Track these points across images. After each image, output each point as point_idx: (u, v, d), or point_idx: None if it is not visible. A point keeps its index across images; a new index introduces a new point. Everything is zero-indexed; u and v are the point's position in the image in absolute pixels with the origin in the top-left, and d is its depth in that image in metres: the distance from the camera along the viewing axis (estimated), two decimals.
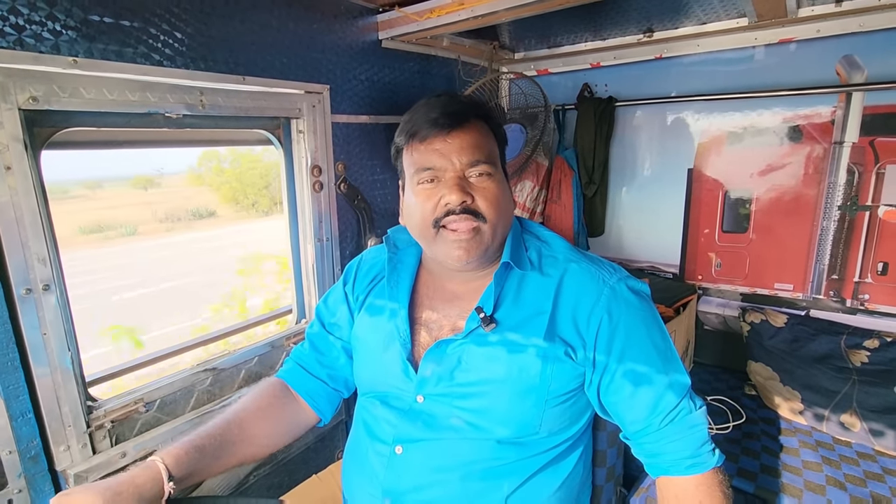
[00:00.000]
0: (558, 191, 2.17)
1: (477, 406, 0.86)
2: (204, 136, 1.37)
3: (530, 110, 1.97)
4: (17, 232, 0.97)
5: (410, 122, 0.88)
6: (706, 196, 2.04)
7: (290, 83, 1.44)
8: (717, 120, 1.97)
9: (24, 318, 1.00)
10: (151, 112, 1.16)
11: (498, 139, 0.92)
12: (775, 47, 1.79)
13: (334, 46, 1.56)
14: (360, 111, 1.70)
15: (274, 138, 1.51)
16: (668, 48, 1.94)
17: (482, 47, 2.06)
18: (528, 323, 0.86)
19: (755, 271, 1.99)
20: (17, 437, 1.01)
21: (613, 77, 2.15)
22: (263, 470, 1.51)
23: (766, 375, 1.78)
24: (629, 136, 2.18)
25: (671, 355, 0.87)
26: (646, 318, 0.88)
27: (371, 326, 1.00)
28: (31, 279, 1.00)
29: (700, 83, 1.96)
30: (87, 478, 1.10)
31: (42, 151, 1.04)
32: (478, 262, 0.89)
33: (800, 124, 1.81)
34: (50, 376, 1.05)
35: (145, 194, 14.60)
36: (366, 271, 1.08)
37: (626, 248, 2.29)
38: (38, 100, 0.96)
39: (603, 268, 0.90)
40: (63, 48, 0.99)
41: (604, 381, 0.87)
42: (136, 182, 14.33)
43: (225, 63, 1.27)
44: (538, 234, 0.98)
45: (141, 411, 1.23)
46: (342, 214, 1.69)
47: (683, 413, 0.84)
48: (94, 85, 1.04)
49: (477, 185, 0.85)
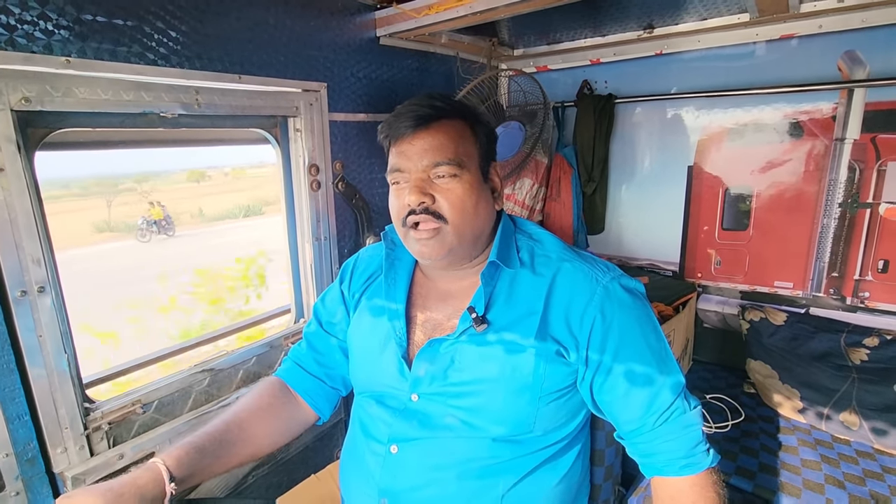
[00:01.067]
0: (558, 188, 2.16)
1: (471, 405, 0.86)
2: (200, 136, 1.36)
3: (529, 107, 1.96)
4: (10, 233, 0.96)
5: (386, 125, 0.90)
6: (706, 193, 2.03)
7: (286, 81, 1.43)
8: (717, 116, 1.96)
9: (19, 320, 0.99)
10: (146, 112, 1.15)
11: (479, 137, 0.91)
12: (776, 43, 1.77)
13: (332, 44, 1.55)
14: (357, 109, 1.68)
15: (271, 137, 1.49)
16: (668, 44, 1.93)
17: (481, 44, 2.04)
18: (520, 323, 0.86)
19: (755, 269, 1.98)
20: (14, 439, 1.01)
21: (613, 74, 2.13)
22: (262, 470, 1.51)
23: (766, 374, 1.78)
24: (629, 133, 2.16)
25: (665, 354, 0.87)
26: (640, 317, 0.87)
27: (367, 325, 0.99)
28: (26, 281, 0.99)
29: (700, 79, 1.94)
30: (84, 480, 1.10)
31: (36, 152, 1.03)
32: (447, 261, 0.89)
33: (801, 121, 1.80)
34: (46, 378, 1.05)
35: (199, 187, 15.50)
36: (362, 270, 1.08)
37: (626, 246, 2.28)
38: (30, 100, 0.95)
39: (596, 266, 0.90)
40: (56, 48, 0.98)
41: (597, 381, 0.86)
42: (191, 175, 15.42)
43: (220, 62, 1.26)
44: (531, 233, 0.97)
45: (138, 412, 1.22)
46: (340, 213, 1.68)
47: (678, 413, 0.84)
48: (87, 85, 1.03)
49: (440, 185, 0.85)
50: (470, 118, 0.91)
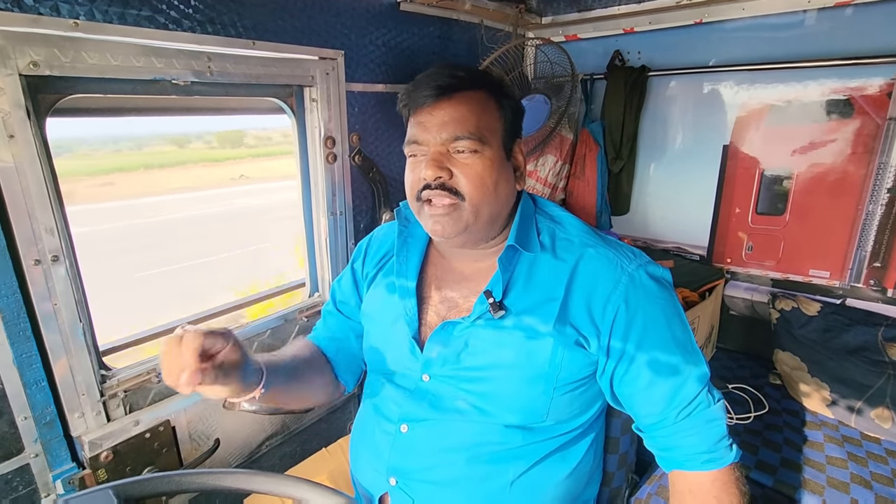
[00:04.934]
0: (582, 166, 2.07)
1: (483, 390, 0.84)
2: (213, 104, 1.33)
3: (556, 80, 1.86)
4: (23, 202, 0.95)
5: (405, 94, 0.85)
6: (741, 175, 1.92)
7: (302, 48, 1.37)
8: (758, 92, 1.83)
9: (33, 288, 0.99)
10: (158, 79, 1.11)
11: (504, 112, 0.86)
12: (830, 11, 1.63)
13: (349, 9, 1.48)
14: (376, 79, 1.62)
15: (286, 107, 1.45)
16: (709, 12, 1.79)
17: (507, 11, 1.93)
18: (538, 309, 0.83)
19: (789, 256, 1.88)
20: (32, 403, 1.03)
21: (647, 44, 2.00)
22: (276, 440, 1.53)
23: (794, 365, 1.71)
24: (662, 108, 2.05)
25: (691, 346, 0.83)
26: (665, 307, 0.83)
27: (380, 304, 0.98)
28: (40, 250, 0.99)
29: (742, 51, 1.81)
30: (101, 444, 1.13)
31: (47, 119, 1.02)
32: (462, 239, 0.85)
33: (851, 97, 1.66)
34: (62, 346, 1.06)
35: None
36: (376, 249, 1.06)
37: (652, 228, 2.19)
38: (38, 65, 0.93)
39: (621, 253, 0.85)
40: (63, 10, 0.95)
41: (618, 372, 0.83)
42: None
43: (233, 27, 1.21)
44: (553, 215, 0.92)
45: (154, 381, 1.24)
46: (356, 187, 1.65)
47: (701, 407, 0.81)
48: (96, 49, 1.00)
49: (459, 160, 0.81)
50: (496, 91, 0.85)
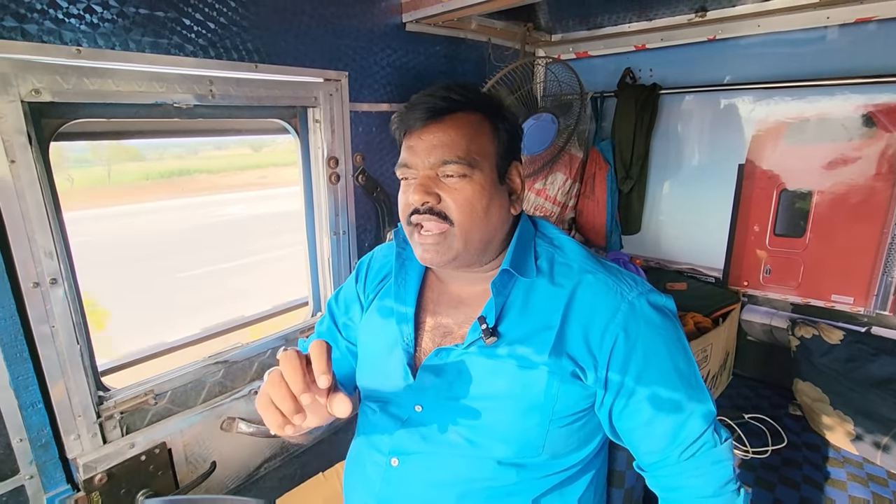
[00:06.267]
0: (592, 185, 2.03)
1: (477, 421, 0.81)
2: (217, 126, 1.34)
3: (564, 98, 1.83)
4: (22, 225, 0.96)
5: (398, 116, 0.84)
6: (758, 194, 1.85)
7: (306, 70, 1.38)
8: (775, 109, 1.77)
9: (31, 311, 1.00)
10: (160, 103, 1.13)
11: (499, 134, 0.83)
12: (851, 27, 1.57)
13: (354, 30, 1.49)
14: (381, 99, 1.62)
15: (290, 128, 1.46)
16: (723, 29, 1.75)
17: (515, 29, 1.92)
18: (533, 337, 0.79)
19: (810, 280, 1.80)
20: (28, 425, 1.03)
21: (659, 61, 1.96)
22: (274, 462, 1.51)
23: (815, 396, 1.62)
24: (674, 126, 2.00)
25: (695, 381, 0.79)
26: (668, 338, 0.79)
27: (376, 328, 0.95)
28: (39, 273, 1.00)
29: (759, 68, 1.76)
30: (95, 467, 1.12)
31: (51, 143, 1.03)
32: (452, 265, 0.82)
33: (873, 115, 1.59)
34: (59, 368, 1.06)
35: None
36: (376, 270, 1.03)
37: (665, 249, 2.13)
38: (40, 92, 0.95)
39: (622, 280, 0.81)
40: (66, 37, 0.97)
41: (617, 405, 0.79)
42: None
43: (236, 50, 1.22)
44: (552, 238, 0.89)
45: (151, 403, 1.23)
46: (360, 206, 1.64)
47: (707, 446, 0.76)
48: (98, 76, 1.01)
49: (448, 185, 0.79)
50: (490, 112, 0.83)
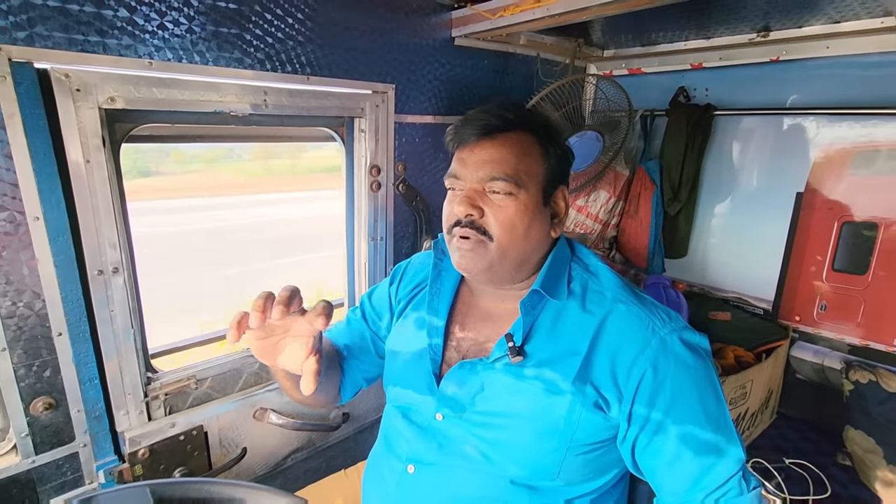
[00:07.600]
0: (636, 205, 1.98)
1: (494, 438, 0.81)
2: (269, 133, 1.42)
3: (611, 115, 1.80)
4: (91, 218, 1.07)
5: (454, 129, 0.86)
6: (817, 225, 1.74)
7: (355, 83, 1.44)
8: (841, 136, 1.66)
9: (94, 295, 1.11)
10: (218, 111, 1.22)
11: (549, 158, 0.84)
12: None
13: (403, 45, 1.53)
14: (426, 111, 1.66)
15: (337, 136, 1.52)
16: (787, 49, 1.66)
17: (565, 45, 1.91)
18: (559, 361, 0.79)
19: (871, 321, 1.67)
20: (85, 398, 1.15)
21: (716, 80, 1.89)
22: (301, 454, 1.58)
23: (867, 447, 1.50)
24: (727, 149, 1.92)
25: (725, 424, 0.76)
26: (698, 378, 0.76)
27: (406, 336, 0.98)
28: (103, 262, 1.11)
29: (825, 92, 1.66)
30: (140, 441, 1.22)
31: (122, 145, 1.14)
32: (486, 276, 0.84)
33: None
34: (115, 349, 1.17)
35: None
36: (412, 276, 1.06)
37: (711, 275, 2.04)
38: (115, 99, 1.05)
39: (655, 314, 0.80)
40: (140, 51, 1.07)
41: (640, 441, 0.78)
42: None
43: (290, 63, 1.30)
44: (588, 264, 0.89)
45: (192, 387, 1.33)
46: (399, 214, 1.68)
47: (732, 493, 0.74)
48: (165, 85, 1.11)
49: (493, 201, 0.80)
50: (542, 135, 0.84)
